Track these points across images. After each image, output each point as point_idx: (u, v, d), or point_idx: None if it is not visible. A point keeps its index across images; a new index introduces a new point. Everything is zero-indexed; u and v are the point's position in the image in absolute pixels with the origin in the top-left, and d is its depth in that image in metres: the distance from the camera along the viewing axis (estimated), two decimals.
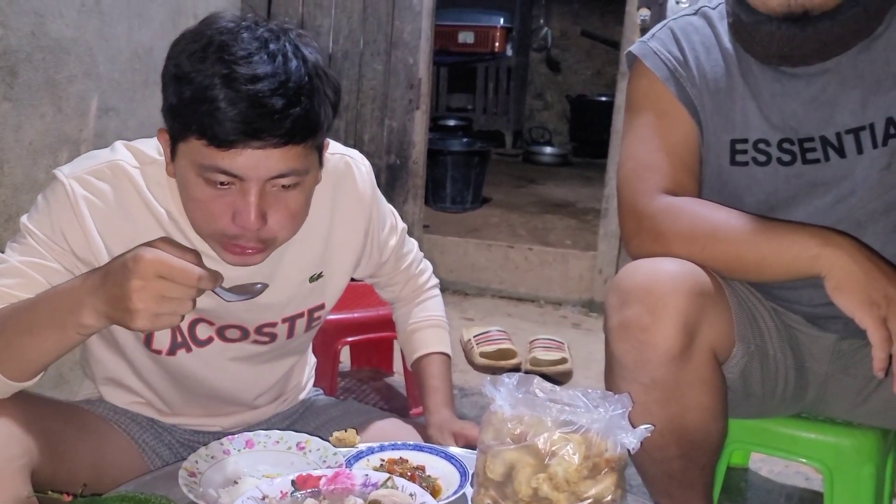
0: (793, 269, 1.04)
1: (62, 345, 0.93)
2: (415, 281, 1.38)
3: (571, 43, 6.57)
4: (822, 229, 1.06)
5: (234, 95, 0.89)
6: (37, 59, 1.89)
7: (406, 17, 3.09)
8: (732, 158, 1.19)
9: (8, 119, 1.85)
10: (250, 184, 0.93)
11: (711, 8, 1.22)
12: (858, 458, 1.26)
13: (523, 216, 4.14)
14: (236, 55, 0.90)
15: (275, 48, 0.92)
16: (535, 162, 5.99)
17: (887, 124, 1.11)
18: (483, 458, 0.92)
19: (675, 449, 1.10)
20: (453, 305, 3.19)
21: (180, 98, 0.92)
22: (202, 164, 0.93)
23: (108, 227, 1.03)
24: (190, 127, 0.92)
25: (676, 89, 1.19)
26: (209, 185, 0.94)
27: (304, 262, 1.15)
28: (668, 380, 1.05)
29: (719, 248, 1.09)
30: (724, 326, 1.12)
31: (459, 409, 2.14)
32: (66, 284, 0.93)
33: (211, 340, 1.14)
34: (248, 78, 0.89)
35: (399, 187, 3.23)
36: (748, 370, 1.18)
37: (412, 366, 1.36)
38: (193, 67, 0.91)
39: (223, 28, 0.93)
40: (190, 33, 0.95)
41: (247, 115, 0.89)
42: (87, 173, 1.03)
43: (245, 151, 0.91)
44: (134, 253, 0.85)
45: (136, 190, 1.04)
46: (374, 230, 1.22)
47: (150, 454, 1.18)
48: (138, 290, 0.83)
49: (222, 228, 0.96)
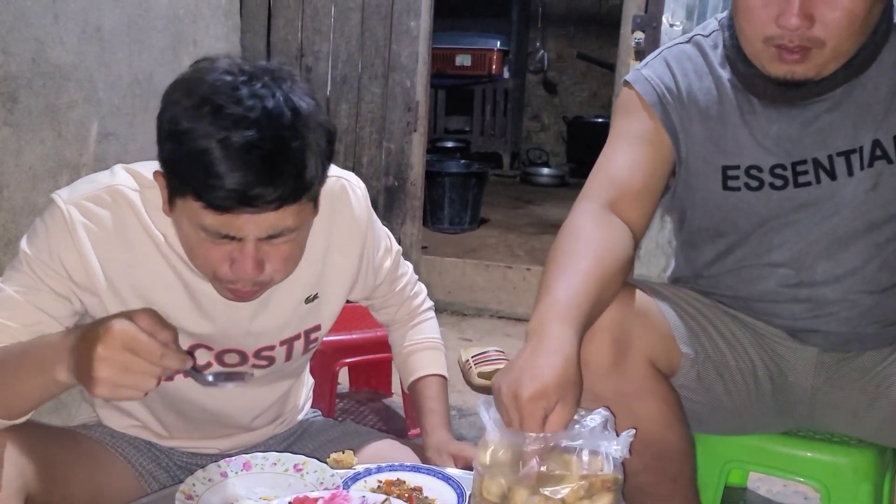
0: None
1: (44, 394, 0.95)
2: (409, 303, 1.38)
3: (567, 65, 6.63)
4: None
5: (231, 165, 0.89)
6: (37, 86, 1.91)
7: (403, 41, 3.12)
8: (724, 184, 1.21)
9: (8, 144, 1.86)
10: (247, 242, 0.95)
11: (704, 36, 1.25)
12: (856, 477, 1.26)
13: (521, 237, 4.16)
14: (233, 117, 0.90)
15: (272, 106, 0.91)
16: (532, 183, 6.02)
17: (874, 146, 1.13)
18: (480, 480, 0.93)
19: (637, 462, 1.11)
20: (451, 326, 3.19)
21: (177, 156, 0.93)
22: (200, 223, 0.94)
23: (107, 253, 1.04)
24: (187, 188, 0.93)
25: (662, 115, 1.22)
26: (207, 239, 0.96)
27: (300, 285, 1.15)
28: (607, 392, 1.09)
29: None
30: (659, 339, 1.15)
31: (458, 430, 2.14)
32: (52, 337, 0.95)
33: (209, 366, 1.14)
34: (243, 147, 0.89)
35: (397, 209, 3.25)
36: (706, 381, 1.20)
37: (409, 388, 1.36)
38: (189, 126, 0.91)
39: (219, 83, 0.92)
40: (185, 84, 0.94)
41: (243, 186, 0.90)
42: (85, 199, 1.04)
43: (241, 216, 0.92)
44: (108, 322, 0.86)
45: (136, 214, 1.05)
46: (369, 253, 1.23)
47: (147, 478, 1.18)
48: (103, 358, 0.84)
49: (220, 274, 0.98)
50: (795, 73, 1.09)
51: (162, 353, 0.85)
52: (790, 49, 1.07)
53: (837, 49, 1.07)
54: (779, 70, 1.10)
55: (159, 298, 1.07)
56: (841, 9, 1.03)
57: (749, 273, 1.23)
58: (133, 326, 0.85)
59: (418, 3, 3.07)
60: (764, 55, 1.10)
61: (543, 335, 0.95)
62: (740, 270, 1.24)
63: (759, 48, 1.10)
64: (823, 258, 1.17)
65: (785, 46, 1.07)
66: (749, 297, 1.24)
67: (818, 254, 1.18)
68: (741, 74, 1.18)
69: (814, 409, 1.26)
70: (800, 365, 1.24)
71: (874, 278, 1.17)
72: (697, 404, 1.21)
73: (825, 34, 1.05)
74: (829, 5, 1.03)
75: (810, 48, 1.06)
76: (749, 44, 1.12)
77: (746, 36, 1.12)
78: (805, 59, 1.07)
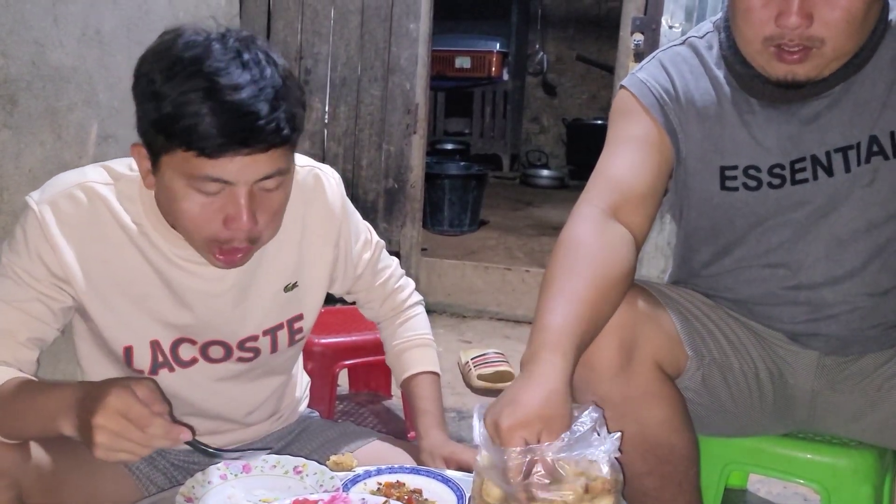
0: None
1: (48, 434, 0.98)
2: (394, 297, 1.37)
3: (567, 67, 6.64)
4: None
5: (219, 107, 0.92)
6: (37, 88, 1.92)
7: (403, 44, 3.12)
8: (722, 184, 1.20)
9: (8, 147, 1.86)
10: (240, 188, 0.97)
11: (699, 37, 1.25)
12: (855, 479, 1.26)
13: (520, 239, 4.15)
14: (213, 67, 0.93)
15: (248, 57, 0.95)
16: (531, 185, 6.02)
17: (871, 142, 1.13)
18: (479, 481, 0.93)
19: (642, 465, 1.11)
20: (451, 328, 3.19)
21: (161, 114, 0.94)
22: (192, 174, 0.95)
23: (82, 248, 1.05)
24: (175, 140, 0.94)
25: (661, 116, 1.22)
26: (199, 194, 0.97)
27: (278, 272, 1.17)
28: (614, 395, 1.09)
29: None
30: (666, 341, 1.15)
31: (457, 432, 2.14)
32: (57, 391, 0.97)
33: (195, 361, 1.15)
34: (230, 88, 0.92)
35: (397, 211, 3.25)
36: (711, 384, 1.20)
37: (401, 386, 1.36)
38: (171, 83, 0.93)
39: (192, 42, 0.95)
40: (157, 50, 0.97)
41: (233, 125, 0.92)
42: (57, 197, 1.05)
43: (235, 159, 0.94)
44: (107, 388, 0.89)
45: (108, 209, 1.07)
46: (345, 242, 1.24)
47: (145, 481, 1.18)
48: (100, 426, 0.87)
49: (214, 234, 1.00)
50: (796, 73, 1.09)
51: (153, 422, 0.88)
52: (790, 49, 1.07)
53: (838, 49, 1.07)
54: (779, 70, 1.09)
55: (137, 291, 1.09)
56: (840, 8, 1.03)
57: (747, 274, 1.23)
58: (129, 395, 0.88)
59: (418, 5, 3.08)
60: (763, 55, 1.10)
61: (532, 366, 0.97)
62: (738, 271, 1.24)
63: (759, 49, 1.10)
64: (823, 259, 1.17)
65: (785, 46, 1.07)
66: (748, 300, 1.24)
67: (817, 254, 1.17)
68: (738, 75, 1.18)
69: (814, 412, 1.26)
70: (800, 368, 1.24)
71: (874, 280, 1.17)
72: (700, 406, 1.21)
73: (825, 33, 1.05)
74: (828, 5, 1.03)
75: (810, 48, 1.06)
76: (748, 44, 1.12)
77: (745, 36, 1.12)
78: (805, 59, 1.07)
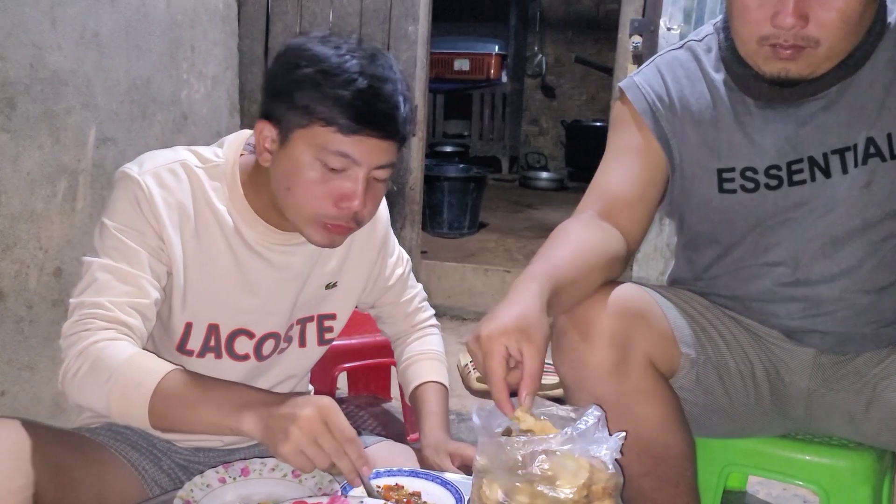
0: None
1: (212, 431, 1.00)
2: (415, 316, 1.43)
3: (566, 69, 6.65)
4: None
5: (365, 91, 1.03)
6: (35, 91, 1.92)
7: (402, 46, 3.12)
8: (720, 187, 1.21)
9: (6, 150, 1.86)
10: (361, 170, 1.06)
11: (697, 41, 1.26)
12: (854, 480, 1.26)
13: (520, 241, 4.16)
14: (357, 61, 1.04)
15: (382, 61, 1.07)
16: (531, 187, 6.04)
17: (868, 144, 1.13)
18: (479, 484, 0.93)
19: (639, 466, 1.11)
20: (451, 330, 3.19)
21: (311, 85, 1.03)
22: (327, 147, 1.04)
23: (178, 220, 1.12)
24: (314, 116, 1.04)
25: (652, 123, 1.23)
26: (324, 168, 1.06)
27: (327, 269, 1.25)
28: (608, 394, 1.09)
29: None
30: (660, 340, 1.16)
31: (457, 434, 2.13)
32: (239, 388, 1.01)
33: (247, 358, 1.20)
34: (375, 77, 1.04)
35: (396, 213, 3.25)
36: (706, 383, 1.20)
37: (409, 395, 1.38)
38: (320, 71, 1.03)
39: (334, 42, 1.07)
40: (299, 45, 1.07)
41: (374, 109, 1.04)
42: (160, 169, 1.12)
43: (367, 140, 1.04)
44: (317, 397, 0.94)
45: (201, 187, 1.14)
46: (383, 252, 1.33)
47: (150, 482, 1.18)
48: (304, 420, 0.90)
49: (324, 208, 1.08)
50: (789, 70, 1.09)
51: (352, 437, 0.92)
52: (784, 46, 1.07)
53: (832, 49, 1.07)
54: (773, 68, 1.10)
55: (213, 271, 1.15)
56: (835, 9, 1.04)
57: (746, 273, 1.24)
58: (336, 407, 0.93)
59: (416, 7, 3.08)
60: (758, 55, 1.11)
61: (510, 294, 1.00)
62: (737, 271, 1.24)
63: (754, 48, 1.10)
64: (820, 257, 1.18)
65: (779, 45, 1.07)
66: (746, 297, 1.24)
67: (814, 252, 1.18)
68: (736, 76, 1.19)
69: (811, 411, 1.26)
70: (796, 366, 1.24)
71: (870, 277, 1.17)
72: (696, 406, 1.21)
73: (820, 34, 1.05)
74: (823, 5, 1.04)
75: (804, 47, 1.07)
76: (744, 44, 1.12)
77: (741, 36, 1.12)
78: (798, 57, 1.08)
